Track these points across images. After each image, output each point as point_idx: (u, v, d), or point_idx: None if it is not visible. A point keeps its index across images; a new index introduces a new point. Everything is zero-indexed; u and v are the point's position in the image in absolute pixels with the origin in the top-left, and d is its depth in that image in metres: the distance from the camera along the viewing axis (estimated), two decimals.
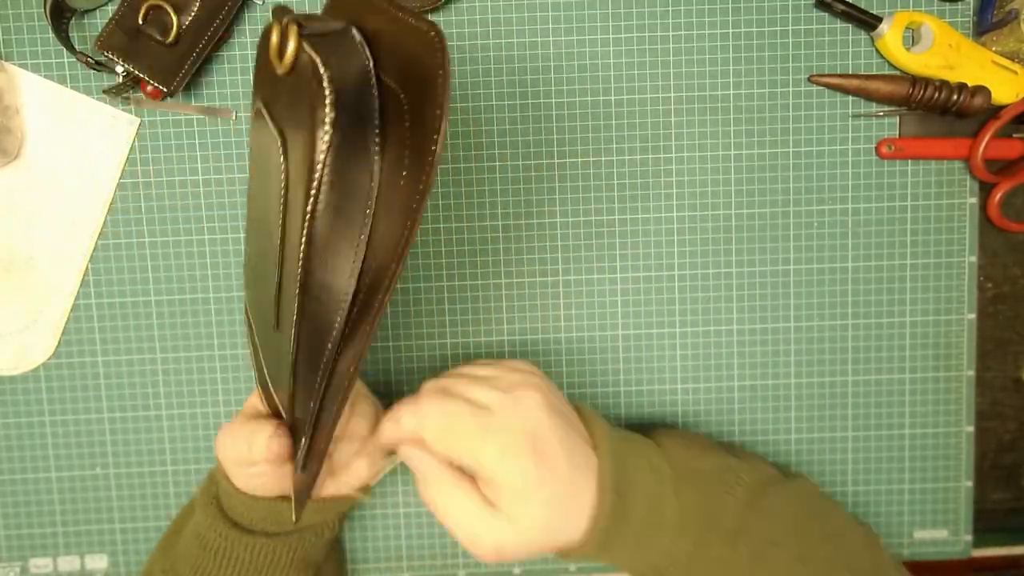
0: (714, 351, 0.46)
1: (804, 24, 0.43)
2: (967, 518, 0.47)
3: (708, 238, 0.45)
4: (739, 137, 0.44)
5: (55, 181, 0.43)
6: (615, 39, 0.43)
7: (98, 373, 0.45)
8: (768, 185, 0.44)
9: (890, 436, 0.46)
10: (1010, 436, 0.48)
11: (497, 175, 0.44)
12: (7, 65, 0.42)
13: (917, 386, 0.46)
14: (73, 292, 0.44)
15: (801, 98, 0.43)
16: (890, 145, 0.43)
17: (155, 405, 0.46)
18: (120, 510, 0.47)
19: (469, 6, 0.43)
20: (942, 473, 0.47)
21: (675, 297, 0.45)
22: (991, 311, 0.46)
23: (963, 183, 0.44)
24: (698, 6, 0.43)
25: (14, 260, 0.44)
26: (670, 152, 0.44)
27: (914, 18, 0.41)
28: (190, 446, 0.46)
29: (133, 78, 0.40)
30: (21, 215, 0.44)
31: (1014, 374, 0.47)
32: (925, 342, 0.45)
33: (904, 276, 0.45)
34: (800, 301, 0.45)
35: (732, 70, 0.43)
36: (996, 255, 0.46)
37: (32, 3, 0.42)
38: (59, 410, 0.46)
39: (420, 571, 0.47)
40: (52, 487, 0.46)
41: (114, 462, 0.46)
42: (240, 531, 0.37)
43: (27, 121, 0.43)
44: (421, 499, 0.33)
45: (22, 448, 0.46)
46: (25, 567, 0.47)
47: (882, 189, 0.44)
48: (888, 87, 0.42)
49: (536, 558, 0.46)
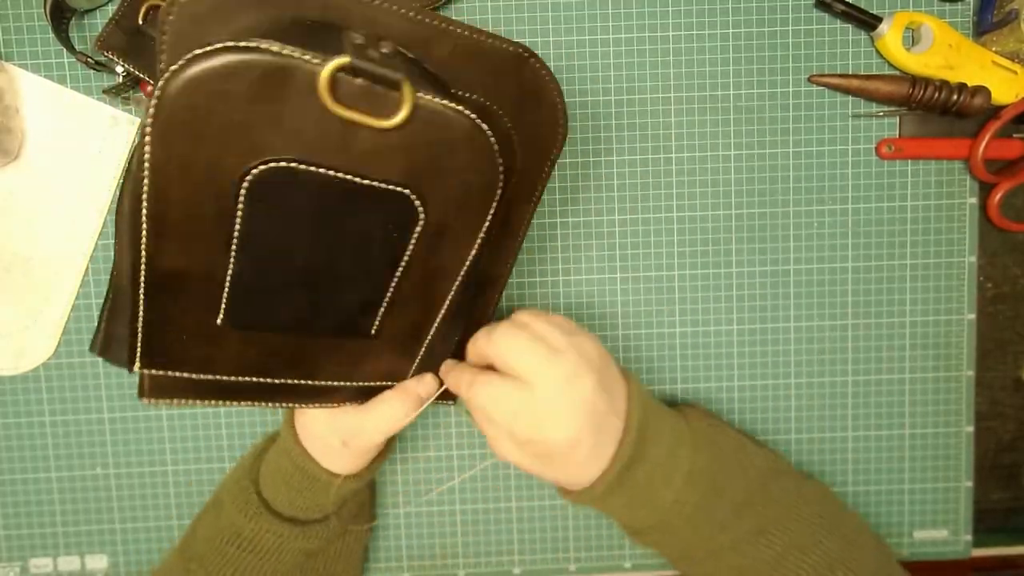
0: (714, 351, 0.46)
1: (804, 24, 0.43)
2: (967, 518, 0.47)
3: (708, 238, 0.45)
4: (739, 137, 0.44)
5: (55, 181, 0.43)
6: (615, 39, 0.43)
7: (98, 373, 0.45)
8: (768, 185, 0.44)
9: (890, 436, 0.46)
10: (1010, 436, 0.48)
11: None
12: (7, 65, 0.42)
13: (917, 386, 0.46)
14: (73, 292, 0.44)
15: (801, 98, 0.43)
16: (890, 145, 0.43)
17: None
18: (120, 510, 0.47)
19: (469, 6, 0.42)
20: (942, 473, 0.47)
21: (675, 297, 0.45)
22: (991, 311, 0.46)
23: (963, 183, 0.44)
24: (698, 6, 0.43)
25: (14, 260, 0.44)
26: (670, 152, 0.44)
27: (914, 18, 0.41)
28: (190, 446, 0.46)
29: (133, 78, 0.40)
30: (21, 215, 0.44)
31: (1014, 374, 0.47)
32: (925, 342, 0.45)
33: (904, 276, 0.45)
34: (800, 301, 0.45)
35: (732, 70, 0.43)
36: (996, 255, 0.46)
37: (32, 3, 0.42)
38: (59, 410, 0.46)
39: (420, 571, 0.47)
40: (52, 487, 0.46)
41: (114, 462, 0.46)
42: (291, 524, 0.39)
43: (27, 121, 0.43)
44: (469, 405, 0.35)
45: (22, 448, 0.46)
46: (25, 567, 0.47)
47: (882, 189, 0.44)
48: (888, 87, 0.42)
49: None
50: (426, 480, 0.47)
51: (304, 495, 0.38)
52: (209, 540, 0.40)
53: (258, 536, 0.38)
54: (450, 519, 0.47)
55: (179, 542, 0.42)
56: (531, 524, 0.47)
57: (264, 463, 0.41)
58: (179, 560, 0.40)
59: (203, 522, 0.41)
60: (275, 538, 0.38)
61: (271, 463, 0.40)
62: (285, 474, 0.39)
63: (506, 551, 0.47)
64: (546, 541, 0.47)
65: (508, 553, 0.47)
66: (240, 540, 0.39)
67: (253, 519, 0.38)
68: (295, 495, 0.39)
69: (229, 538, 0.39)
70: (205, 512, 0.42)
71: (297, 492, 0.38)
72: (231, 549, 0.38)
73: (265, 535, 0.38)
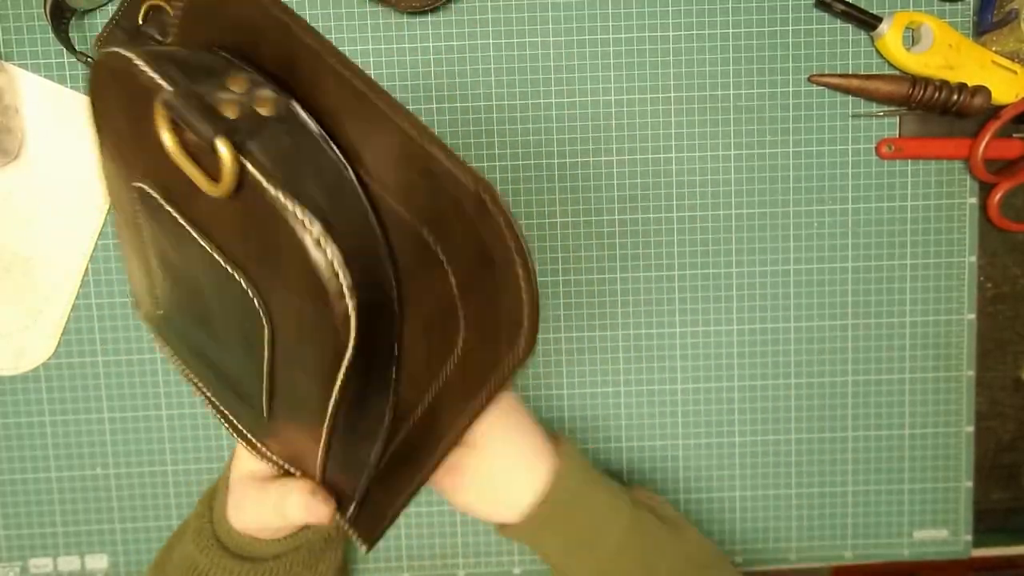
0: (714, 351, 0.46)
1: (804, 24, 0.43)
2: (967, 518, 0.47)
3: (708, 238, 0.45)
4: (739, 137, 0.44)
5: (55, 181, 0.43)
6: (615, 39, 0.43)
7: (98, 373, 0.45)
8: (768, 185, 0.44)
9: (890, 436, 0.46)
10: (1010, 436, 0.48)
11: (497, 175, 0.44)
12: (7, 65, 0.42)
13: (917, 386, 0.46)
14: (73, 292, 0.44)
15: (801, 98, 0.43)
16: (890, 145, 0.43)
17: (155, 405, 0.46)
18: (120, 510, 0.47)
19: (469, 6, 0.42)
20: (942, 473, 0.47)
21: (675, 297, 0.45)
22: (991, 311, 0.46)
23: (963, 183, 0.44)
24: (698, 6, 0.43)
25: (14, 260, 0.44)
26: (670, 152, 0.44)
27: (914, 18, 0.41)
28: (190, 446, 0.46)
29: None
30: (21, 215, 0.44)
31: (1014, 374, 0.47)
32: (925, 342, 0.45)
33: (904, 276, 0.45)
34: (800, 301, 0.45)
35: (732, 70, 0.43)
36: (996, 255, 0.46)
37: (32, 3, 0.42)
38: (59, 410, 0.46)
39: (420, 571, 0.47)
40: (52, 487, 0.46)
41: (114, 462, 0.46)
42: (241, 561, 0.36)
43: (27, 121, 0.43)
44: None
45: (22, 448, 0.46)
46: (25, 567, 0.47)
47: (882, 189, 0.44)
48: (888, 87, 0.42)
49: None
50: None
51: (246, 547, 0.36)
52: (176, 567, 0.38)
53: (211, 571, 0.36)
54: (450, 519, 0.47)
55: (156, 556, 0.40)
56: None
57: (215, 499, 0.38)
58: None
59: (177, 543, 0.40)
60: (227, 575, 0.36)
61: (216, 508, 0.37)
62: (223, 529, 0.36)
63: (506, 551, 0.47)
64: None
65: (508, 553, 0.47)
66: (196, 573, 0.36)
67: (205, 552, 0.36)
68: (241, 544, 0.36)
69: (188, 567, 0.36)
70: (181, 530, 0.40)
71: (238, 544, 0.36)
72: None
73: (217, 570, 0.36)
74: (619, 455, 0.47)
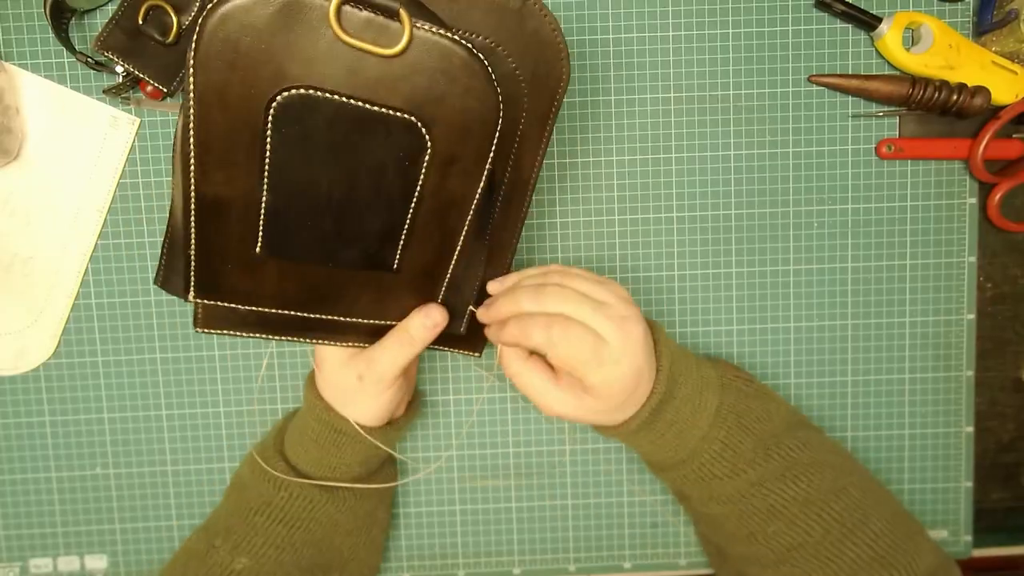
0: (714, 351, 0.46)
1: (804, 24, 0.43)
2: (967, 518, 0.47)
3: (708, 238, 0.45)
4: (739, 137, 0.44)
5: (55, 181, 0.43)
6: (615, 39, 0.43)
7: (98, 373, 0.45)
8: (768, 185, 0.44)
9: (890, 436, 0.46)
10: (1010, 436, 0.48)
11: None
12: (7, 65, 0.42)
13: (917, 386, 0.46)
14: (73, 292, 0.44)
15: (801, 98, 0.43)
16: (890, 145, 0.43)
17: (155, 405, 0.46)
18: (120, 510, 0.47)
19: None
20: (942, 473, 0.47)
21: (675, 297, 0.45)
22: (991, 311, 0.46)
23: (963, 183, 0.44)
24: (698, 6, 0.43)
25: (14, 260, 0.44)
26: (670, 152, 0.44)
27: (914, 18, 0.41)
28: (190, 446, 0.46)
29: (133, 78, 0.40)
30: (21, 215, 0.44)
31: (1014, 374, 0.47)
32: (925, 342, 0.45)
33: (904, 276, 0.45)
34: (800, 301, 0.45)
35: (732, 70, 0.43)
36: (996, 255, 0.46)
37: (32, 3, 0.42)
38: (59, 410, 0.46)
39: (420, 571, 0.47)
40: (52, 487, 0.46)
41: (114, 462, 0.46)
42: (322, 490, 0.39)
43: (27, 121, 0.43)
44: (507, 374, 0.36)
45: (22, 448, 0.46)
46: (25, 567, 0.47)
47: (882, 189, 0.44)
48: (888, 87, 0.42)
49: (536, 564, 0.46)
50: (425, 459, 0.47)
51: (331, 452, 0.39)
52: (234, 514, 0.39)
53: (288, 503, 0.38)
54: (450, 519, 0.47)
55: (201, 524, 0.42)
56: (531, 524, 0.47)
57: (287, 432, 0.41)
58: (202, 537, 0.40)
59: (225, 503, 0.41)
60: (305, 503, 0.39)
61: (295, 429, 0.40)
62: (311, 433, 0.39)
63: (506, 551, 0.47)
64: (546, 541, 0.47)
65: (508, 553, 0.47)
66: (270, 509, 0.38)
67: (283, 487, 0.39)
68: (322, 453, 0.39)
69: (258, 508, 0.39)
70: (226, 498, 0.42)
71: (324, 450, 0.39)
72: (260, 519, 0.38)
73: (295, 501, 0.38)
74: (620, 455, 0.47)
